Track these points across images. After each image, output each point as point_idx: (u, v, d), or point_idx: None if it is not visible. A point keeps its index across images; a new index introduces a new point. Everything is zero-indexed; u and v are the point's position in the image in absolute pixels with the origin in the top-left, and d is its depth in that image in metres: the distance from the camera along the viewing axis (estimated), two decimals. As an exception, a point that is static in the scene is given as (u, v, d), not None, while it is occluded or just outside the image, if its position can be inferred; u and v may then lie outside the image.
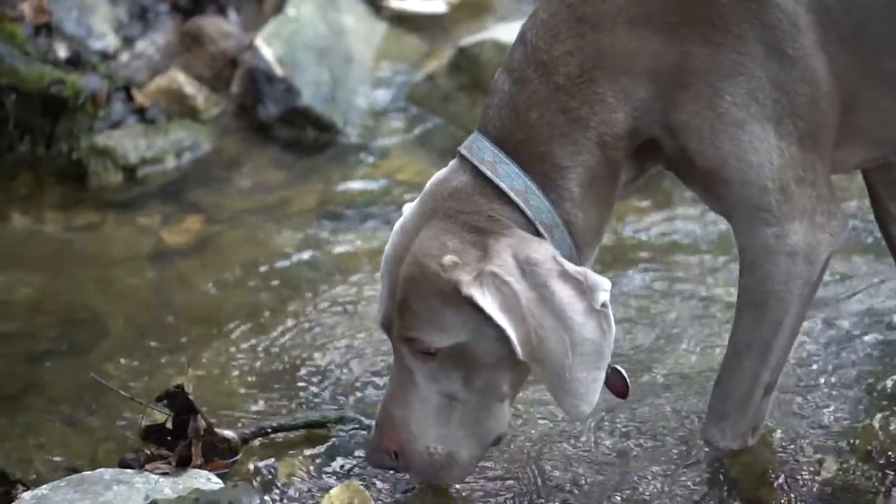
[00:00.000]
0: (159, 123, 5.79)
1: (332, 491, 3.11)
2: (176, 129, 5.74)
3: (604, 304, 3.11)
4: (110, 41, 5.96)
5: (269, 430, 3.66)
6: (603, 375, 3.16)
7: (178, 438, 3.37)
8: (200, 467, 3.24)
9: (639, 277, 4.38)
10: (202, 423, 3.36)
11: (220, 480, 3.09)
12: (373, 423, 3.65)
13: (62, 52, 5.71)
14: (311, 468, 3.51)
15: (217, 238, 5.00)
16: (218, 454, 3.40)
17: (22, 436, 3.75)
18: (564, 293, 3.10)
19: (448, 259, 3.11)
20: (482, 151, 3.18)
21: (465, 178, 3.18)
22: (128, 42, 6.02)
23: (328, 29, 5.94)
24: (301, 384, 3.93)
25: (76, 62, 5.71)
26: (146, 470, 3.14)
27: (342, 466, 3.53)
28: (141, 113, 5.85)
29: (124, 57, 6.05)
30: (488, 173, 3.16)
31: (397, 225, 3.26)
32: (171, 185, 5.49)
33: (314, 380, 3.93)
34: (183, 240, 5.00)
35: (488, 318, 3.09)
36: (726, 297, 4.13)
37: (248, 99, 5.83)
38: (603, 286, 3.12)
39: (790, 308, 3.23)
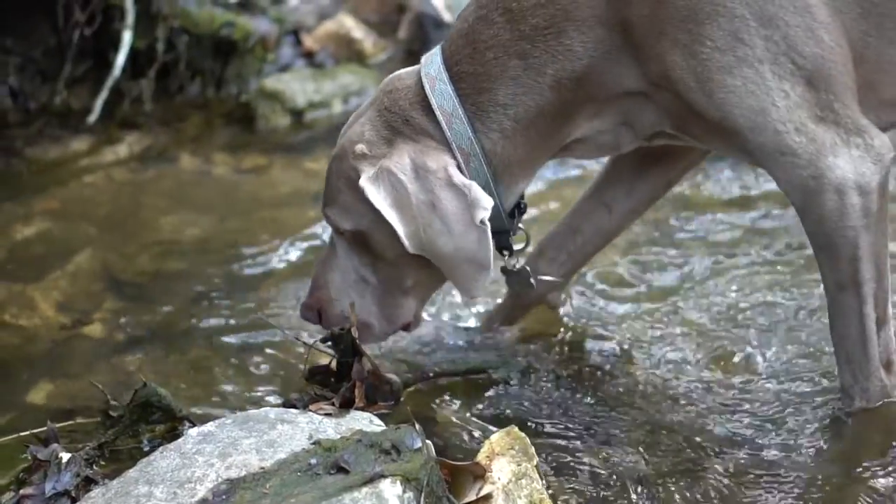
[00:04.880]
0: (327, 68, 5.84)
1: (492, 437, 3.09)
2: (343, 73, 5.77)
3: (482, 221, 3.16)
4: (280, -16, 6.00)
5: (432, 375, 3.67)
6: (486, 274, 3.24)
7: (341, 380, 3.39)
8: (363, 409, 3.25)
9: None
10: (366, 366, 3.37)
11: (381, 423, 3.09)
12: (535, 369, 3.65)
13: (233, -5, 5.77)
14: (472, 413, 3.50)
15: (382, 182, 5.01)
16: (380, 396, 3.42)
17: (189, 373, 3.80)
18: (450, 203, 3.17)
19: (359, 147, 3.24)
20: (431, 66, 3.27)
21: (410, 83, 3.29)
22: (297, -14, 6.06)
23: (496, -26, 5.90)
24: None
25: (246, 5, 5.78)
26: (310, 410, 3.15)
27: (503, 412, 3.51)
28: (309, 57, 5.90)
29: (293, 1, 6.09)
30: (426, 86, 3.24)
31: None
32: (338, 129, 5.49)
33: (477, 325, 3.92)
34: (348, 184, 5.00)
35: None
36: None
37: (415, 44, 5.84)
38: (483, 203, 3.17)
39: (859, 241, 3.12)
